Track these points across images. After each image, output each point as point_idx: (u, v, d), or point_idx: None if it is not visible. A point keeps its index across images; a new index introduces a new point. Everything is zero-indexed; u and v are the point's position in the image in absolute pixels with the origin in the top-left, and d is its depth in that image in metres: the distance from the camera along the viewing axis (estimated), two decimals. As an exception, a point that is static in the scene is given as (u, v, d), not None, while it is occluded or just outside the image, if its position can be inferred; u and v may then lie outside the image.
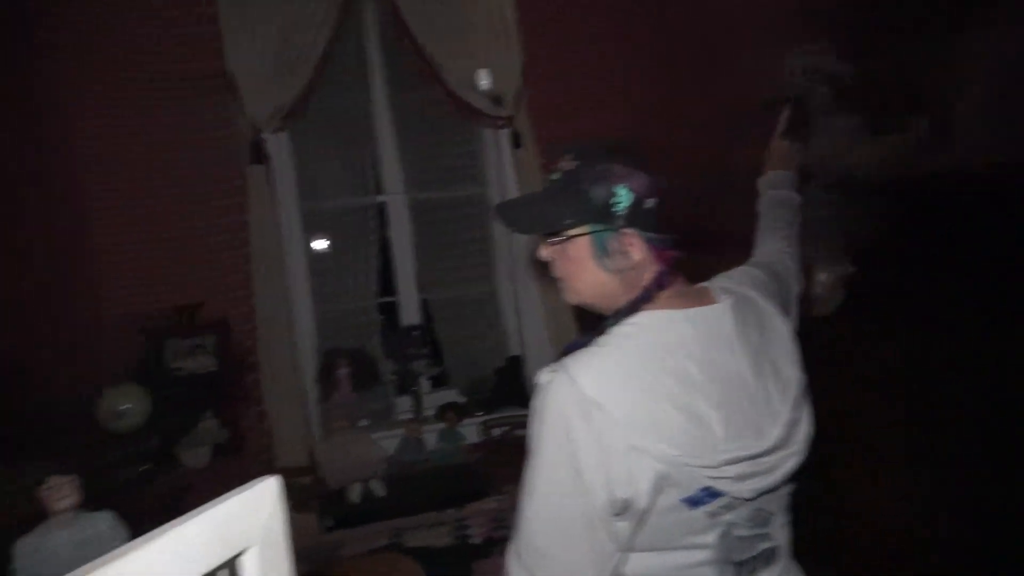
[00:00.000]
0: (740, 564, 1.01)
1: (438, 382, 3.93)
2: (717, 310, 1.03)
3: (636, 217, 0.99)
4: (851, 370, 2.27)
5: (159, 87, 3.29)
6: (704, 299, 1.05)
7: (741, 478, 0.95)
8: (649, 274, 1.03)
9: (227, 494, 0.49)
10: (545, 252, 1.10)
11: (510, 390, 3.73)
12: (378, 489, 3.17)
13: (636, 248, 1.01)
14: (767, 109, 2.20)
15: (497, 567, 1.99)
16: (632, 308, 1.01)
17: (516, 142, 3.55)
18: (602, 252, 1.02)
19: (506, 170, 3.70)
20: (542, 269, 1.14)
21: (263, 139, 3.31)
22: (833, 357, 2.35)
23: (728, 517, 0.98)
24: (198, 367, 3.28)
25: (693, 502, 0.95)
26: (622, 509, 0.92)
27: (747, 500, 0.98)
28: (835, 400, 2.37)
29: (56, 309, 2.79)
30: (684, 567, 0.99)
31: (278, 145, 3.48)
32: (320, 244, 3.71)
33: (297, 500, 3.01)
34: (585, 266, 1.04)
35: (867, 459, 2.26)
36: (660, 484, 0.92)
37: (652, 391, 0.92)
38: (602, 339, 0.99)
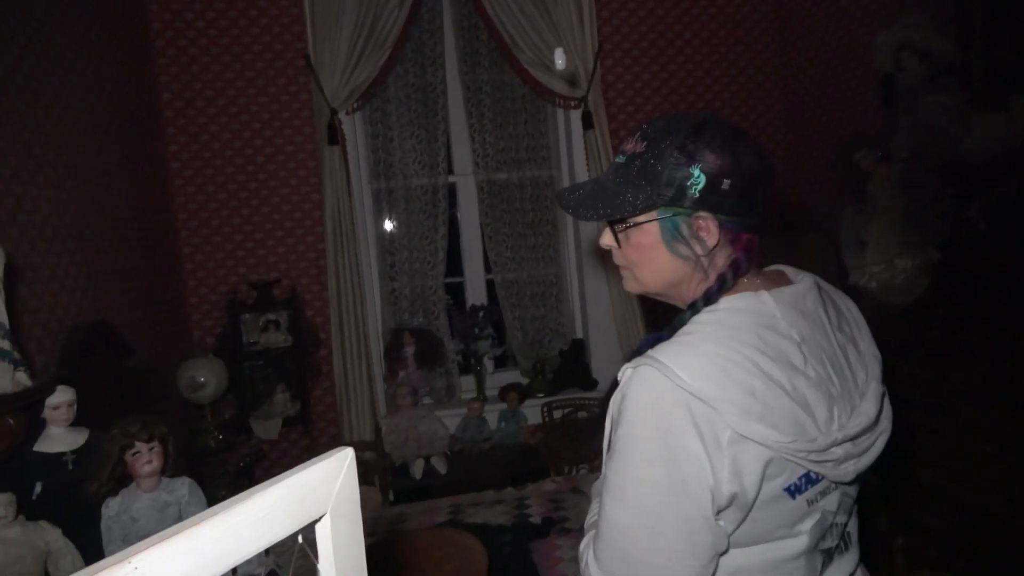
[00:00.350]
0: (827, 551, 0.98)
1: (501, 363, 3.97)
2: (799, 289, 0.98)
3: (711, 199, 0.91)
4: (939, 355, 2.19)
5: (243, 66, 3.40)
6: (782, 280, 1.00)
7: (841, 460, 0.91)
8: (723, 259, 0.96)
9: (305, 463, 0.51)
10: (607, 240, 1.02)
11: (573, 373, 3.74)
12: (440, 466, 3.23)
13: (711, 233, 0.93)
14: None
15: (554, 547, 2.02)
16: (713, 295, 0.94)
17: (587, 123, 3.52)
18: (674, 238, 0.94)
19: (576, 152, 3.70)
20: (604, 256, 1.09)
21: (339, 120, 3.38)
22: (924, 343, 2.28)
23: (822, 503, 0.94)
24: (272, 342, 3.40)
25: (795, 489, 0.90)
26: (727, 505, 0.86)
27: (844, 484, 0.95)
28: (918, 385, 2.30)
29: (145, 283, 2.94)
30: (780, 560, 0.94)
31: (352, 126, 3.56)
32: (390, 223, 3.78)
33: (361, 474, 3.09)
34: (654, 254, 0.97)
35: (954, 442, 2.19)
36: (766, 474, 0.87)
37: (752, 375, 0.86)
38: (686, 329, 0.92)
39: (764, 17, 3.82)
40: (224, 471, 3.08)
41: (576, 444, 3.41)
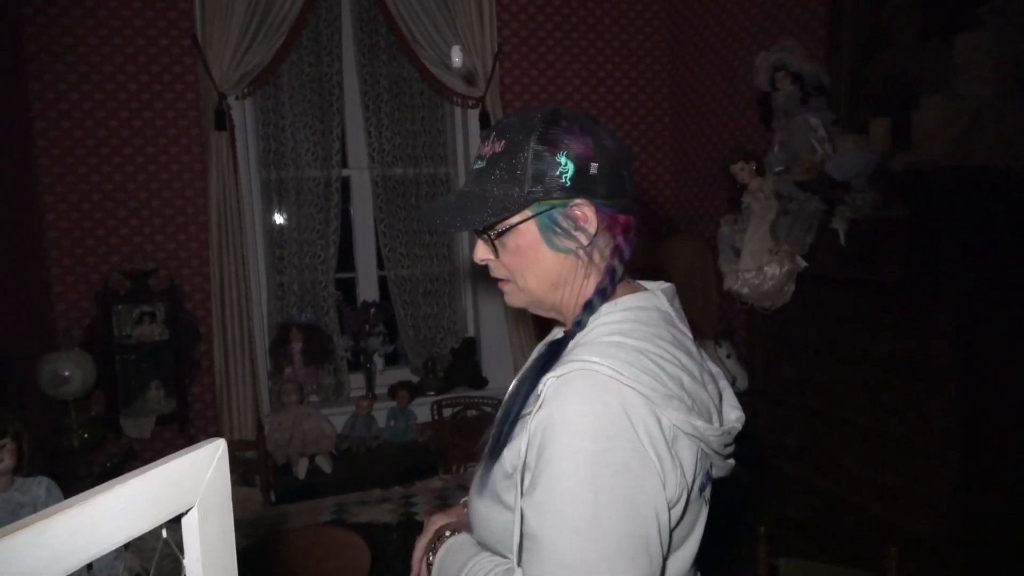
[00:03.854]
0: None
1: (392, 360, 3.93)
2: (670, 290, 0.97)
3: (583, 184, 0.86)
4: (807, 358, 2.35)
5: (122, 41, 3.19)
6: (637, 287, 0.97)
7: (725, 457, 0.91)
8: (605, 248, 0.91)
9: (173, 454, 0.50)
10: (481, 253, 0.95)
11: (464, 371, 3.75)
12: (325, 465, 3.16)
13: (589, 220, 0.88)
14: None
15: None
16: (608, 290, 0.90)
17: (485, 123, 3.54)
18: (553, 232, 0.89)
19: (473, 151, 3.71)
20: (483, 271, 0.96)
21: (227, 105, 3.24)
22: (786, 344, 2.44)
23: (706, 506, 0.94)
24: (147, 335, 3.22)
25: (702, 487, 0.89)
26: (674, 504, 0.81)
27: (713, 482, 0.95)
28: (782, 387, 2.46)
29: (5, 272, 2.70)
30: (685, 566, 0.91)
31: (242, 111, 3.42)
32: (280, 215, 3.65)
33: (242, 473, 2.98)
34: (535, 254, 0.90)
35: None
36: (696, 468, 0.84)
37: (680, 370, 0.84)
38: (600, 331, 0.86)
39: (656, 31, 3.98)
40: (89, 472, 2.89)
41: (467, 441, 3.43)
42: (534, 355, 1.00)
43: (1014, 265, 1.84)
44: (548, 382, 0.82)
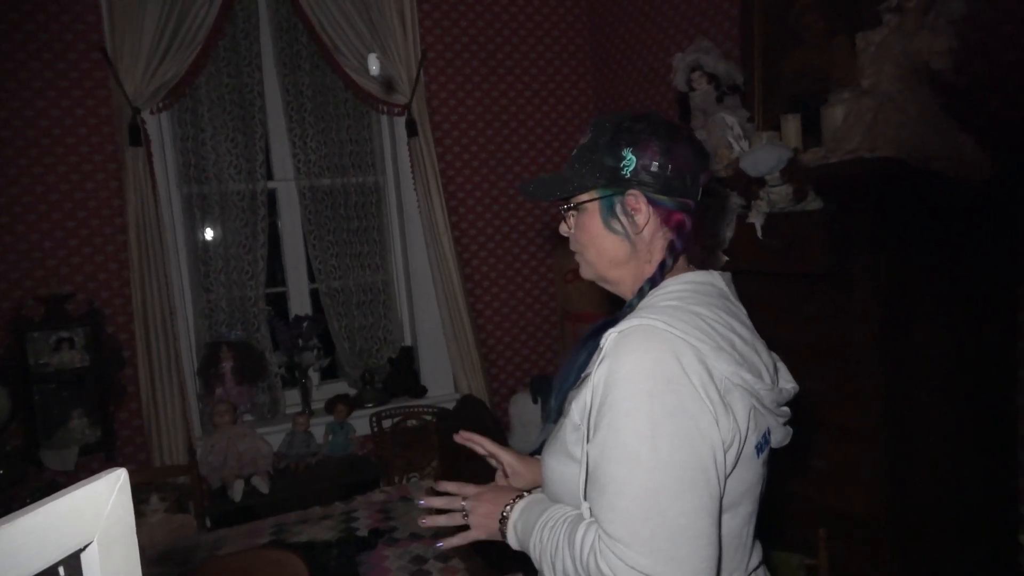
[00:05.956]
0: (753, 526, 1.05)
1: (330, 374, 3.87)
2: (728, 276, 1.09)
3: (640, 178, 1.00)
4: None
5: (26, 55, 3.04)
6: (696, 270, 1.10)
7: (780, 424, 1.03)
8: (659, 243, 1.04)
9: (69, 487, 0.48)
10: (564, 227, 1.12)
11: (403, 381, 3.71)
12: (261, 486, 3.08)
13: (641, 211, 1.01)
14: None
15: (382, 557, 1.99)
16: (657, 278, 1.02)
17: (412, 131, 3.52)
18: (610, 215, 1.03)
19: (401, 159, 3.69)
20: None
21: (142, 119, 3.13)
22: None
23: (765, 469, 1.03)
24: (67, 362, 3.07)
25: (759, 448, 0.98)
26: (726, 452, 0.89)
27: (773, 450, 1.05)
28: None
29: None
30: (739, 527, 0.99)
31: (159, 126, 3.31)
32: (204, 231, 3.55)
33: (175, 500, 2.88)
34: (596, 233, 1.05)
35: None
36: (750, 422, 0.93)
37: (730, 332, 0.95)
38: (655, 301, 0.98)
39: (579, 35, 4.03)
40: (8, 509, 2.73)
41: (408, 452, 3.40)
42: (591, 329, 1.08)
43: (921, 250, 1.93)
44: (609, 337, 0.92)
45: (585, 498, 0.92)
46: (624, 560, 0.83)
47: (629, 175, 1.00)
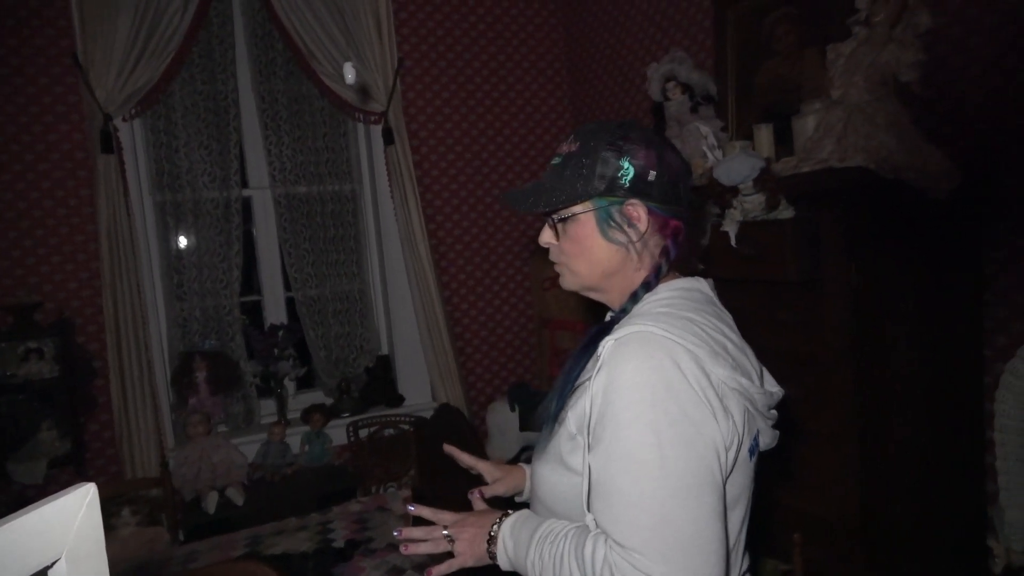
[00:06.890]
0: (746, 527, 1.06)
1: (306, 383, 3.83)
2: (711, 282, 1.10)
3: (639, 187, 0.99)
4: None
5: (-9, 64, 3.00)
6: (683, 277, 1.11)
7: (769, 427, 1.03)
8: (654, 248, 1.04)
9: (36, 503, 0.47)
10: (547, 236, 1.09)
11: (380, 390, 3.69)
12: (236, 497, 3.04)
13: (641, 219, 1.01)
14: None
15: (359, 568, 1.97)
16: (652, 282, 1.03)
17: (388, 139, 3.52)
18: (608, 225, 1.02)
19: (378, 167, 3.68)
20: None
21: (114, 126, 3.09)
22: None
23: (754, 473, 1.03)
24: (35, 373, 3.01)
25: (751, 451, 0.98)
26: (729, 447, 0.90)
27: (760, 453, 1.05)
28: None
29: None
30: (737, 530, 1.00)
31: (131, 133, 3.27)
32: (177, 239, 3.50)
33: (147, 513, 2.83)
34: (590, 243, 1.03)
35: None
36: (745, 425, 0.94)
37: (723, 337, 0.96)
38: (647, 308, 0.98)
39: (555, 44, 4.06)
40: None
41: (386, 461, 3.37)
42: (585, 337, 1.08)
43: (891, 257, 1.97)
44: (607, 345, 0.91)
45: (589, 509, 0.91)
46: (641, 569, 0.82)
47: (628, 184, 0.99)
